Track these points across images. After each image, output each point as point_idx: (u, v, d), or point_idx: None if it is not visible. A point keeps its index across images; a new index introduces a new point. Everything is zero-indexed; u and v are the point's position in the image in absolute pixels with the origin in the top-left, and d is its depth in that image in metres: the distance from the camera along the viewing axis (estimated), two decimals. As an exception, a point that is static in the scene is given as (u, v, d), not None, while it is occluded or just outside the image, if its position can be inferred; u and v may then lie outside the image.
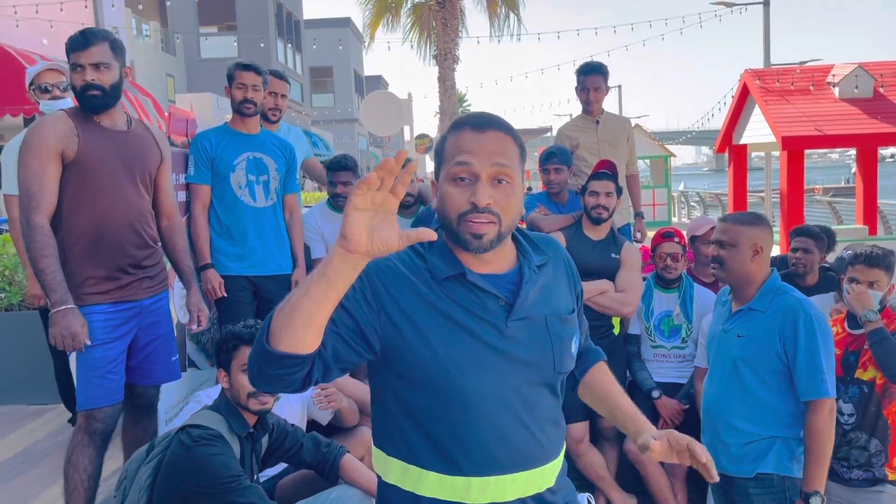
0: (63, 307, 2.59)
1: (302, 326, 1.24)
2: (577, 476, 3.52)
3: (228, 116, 3.85)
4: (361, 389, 3.23)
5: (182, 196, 3.65)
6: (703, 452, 1.43)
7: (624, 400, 1.64)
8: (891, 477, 2.71)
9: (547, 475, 1.49)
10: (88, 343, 2.65)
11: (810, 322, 2.34)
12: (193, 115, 6.22)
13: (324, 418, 3.22)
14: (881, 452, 2.72)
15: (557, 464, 1.52)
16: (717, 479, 1.45)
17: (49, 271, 2.60)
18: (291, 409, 3.06)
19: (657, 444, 1.44)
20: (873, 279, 2.75)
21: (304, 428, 3.08)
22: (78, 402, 2.77)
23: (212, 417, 2.26)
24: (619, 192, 3.56)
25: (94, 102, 2.75)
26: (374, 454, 1.52)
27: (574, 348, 1.54)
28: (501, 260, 1.49)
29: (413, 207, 4.17)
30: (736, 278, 2.48)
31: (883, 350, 2.64)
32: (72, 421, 3.94)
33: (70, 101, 3.46)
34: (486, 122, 1.45)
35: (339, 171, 4.14)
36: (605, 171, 3.56)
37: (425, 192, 4.28)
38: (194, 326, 3.11)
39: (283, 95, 4.14)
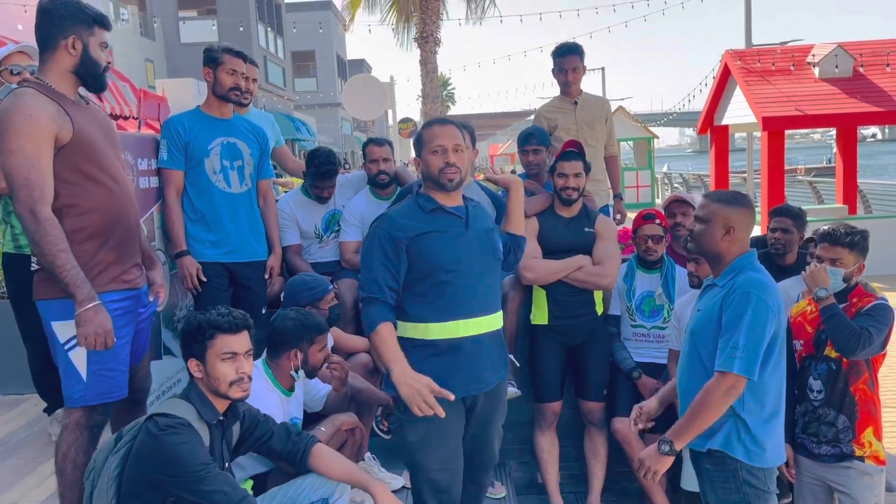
0: (93, 304, 2.45)
1: None
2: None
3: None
4: (363, 385, 3.43)
5: (154, 182, 3.60)
6: None
7: None
8: (858, 453, 2.74)
9: (497, 320, 2.66)
10: (115, 340, 2.52)
11: (747, 298, 2.29)
12: (166, 99, 6.13)
13: (316, 406, 3.24)
14: (849, 429, 2.75)
15: (498, 316, 2.67)
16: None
17: (69, 267, 2.42)
18: (296, 400, 3.10)
19: None
20: (834, 256, 2.77)
21: (301, 416, 3.09)
22: (86, 397, 2.58)
23: (180, 406, 2.23)
24: (587, 169, 3.56)
25: (105, 82, 2.68)
26: (399, 327, 2.55)
27: (500, 246, 2.71)
28: (456, 199, 2.63)
29: (389, 188, 4.16)
30: (705, 254, 2.50)
31: (832, 325, 2.68)
32: (47, 410, 3.89)
33: None
34: (445, 121, 2.69)
35: (325, 180, 4.10)
36: (573, 150, 3.55)
37: (402, 173, 4.27)
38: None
39: (253, 80, 4.08)
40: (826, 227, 2.85)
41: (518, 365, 3.61)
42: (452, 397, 2.40)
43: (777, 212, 3.82)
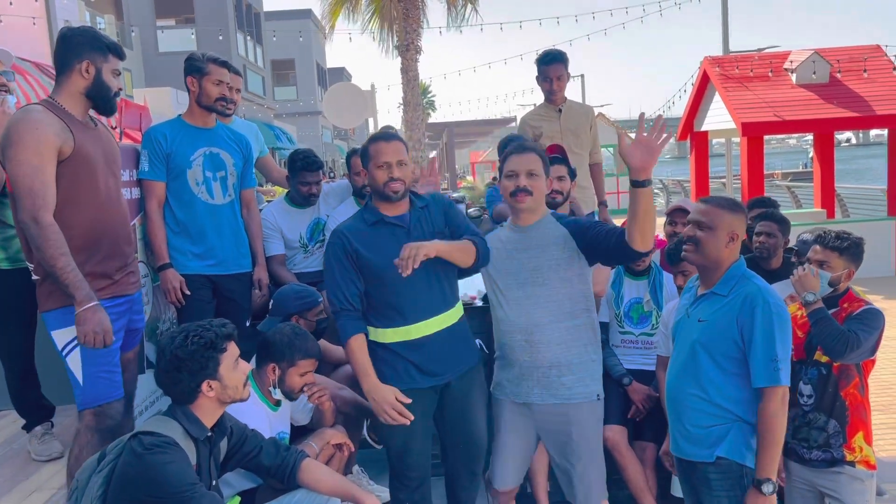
0: (91, 304, 2.59)
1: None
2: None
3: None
4: (350, 396, 3.37)
5: (136, 193, 3.53)
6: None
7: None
8: (848, 458, 2.74)
9: (450, 317, 2.82)
10: (113, 339, 2.66)
11: (768, 310, 2.35)
12: (147, 108, 6.05)
13: (303, 420, 3.19)
14: (839, 433, 2.75)
15: (455, 311, 2.85)
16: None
17: (70, 269, 2.57)
18: (283, 413, 3.06)
19: None
20: (823, 259, 2.80)
21: (288, 431, 3.05)
22: (85, 400, 2.74)
23: (165, 423, 2.18)
24: (571, 174, 3.56)
25: (115, 106, 2.86)
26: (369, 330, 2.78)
27: None
28: (402, 207, 2.80)
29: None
30: (708, 262, 2.48)
31: (820, 329, 2.69)
32: (26, 427, 3.80)
33: (12, 100, 3.38)
34: (389, 136, 2.81)
35: (311, 172, 4.09)
36: (556, 154, 3.55)
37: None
38: None
39: (237, 90, 4.04)
40: (819, 231, 2.87)
41: (487, 352, 3.60)
42: (409, 421, 2.64)
43: (762, 216, 3.83)
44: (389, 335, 2.76)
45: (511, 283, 2.77)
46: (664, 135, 2.42)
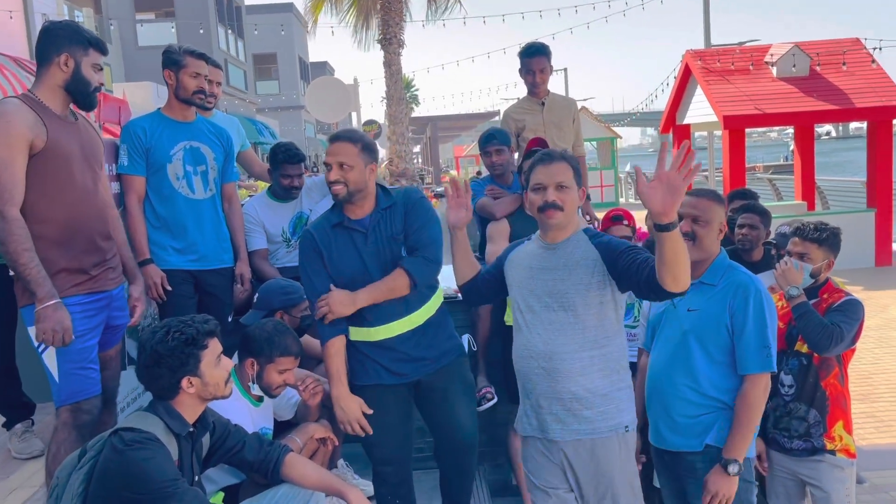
0: (52, 301, 2.57)
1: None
2: None
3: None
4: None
5: (115, 187, 3.49)
6: None
7: None
8: (829, 446, 2.78)
9: (414, 319, 2.77)
10: (73, 338, 2.63)
11: (760, 298, 2.39)
12: (126, 102, 5.99)
13: (287, 414, 3.17)
14: (819, 423, 2.78)
15: (423, 311, 2.78)
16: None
17: (32, 265, 2.55)
18: (265, 409, 3.03)
19: None
20: (803, 251, 2.83)
21: (272, 427, 3.03)
22: (61, 397, 2.72)
23: (146, 419, 2.15)
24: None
25: (95, 101, 2.86)
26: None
27: (402, 252, 2.74)
28: (367, 208, 2.74)
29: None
30: (704, 255, 2.49)
31: (804, 323, 2.72)
32: (6, 425, 3.76)
33: None
34: (336, 137, 2.72)
35: (293, 165, 4.07)
36: (538, 148, 3.54)
37: None
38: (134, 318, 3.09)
39: (217, 83, 4.00)
40: (798, 223, 2.90)
41: (475, 348, 3.60)
42: (369, 433, 2.72)
43: (744, 208, 3.86)
44: (354, 334, 2.77)
45: (534, 303, 2.45)
46: (691, 167, 2.00)
